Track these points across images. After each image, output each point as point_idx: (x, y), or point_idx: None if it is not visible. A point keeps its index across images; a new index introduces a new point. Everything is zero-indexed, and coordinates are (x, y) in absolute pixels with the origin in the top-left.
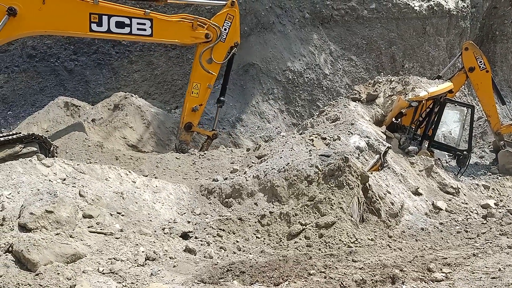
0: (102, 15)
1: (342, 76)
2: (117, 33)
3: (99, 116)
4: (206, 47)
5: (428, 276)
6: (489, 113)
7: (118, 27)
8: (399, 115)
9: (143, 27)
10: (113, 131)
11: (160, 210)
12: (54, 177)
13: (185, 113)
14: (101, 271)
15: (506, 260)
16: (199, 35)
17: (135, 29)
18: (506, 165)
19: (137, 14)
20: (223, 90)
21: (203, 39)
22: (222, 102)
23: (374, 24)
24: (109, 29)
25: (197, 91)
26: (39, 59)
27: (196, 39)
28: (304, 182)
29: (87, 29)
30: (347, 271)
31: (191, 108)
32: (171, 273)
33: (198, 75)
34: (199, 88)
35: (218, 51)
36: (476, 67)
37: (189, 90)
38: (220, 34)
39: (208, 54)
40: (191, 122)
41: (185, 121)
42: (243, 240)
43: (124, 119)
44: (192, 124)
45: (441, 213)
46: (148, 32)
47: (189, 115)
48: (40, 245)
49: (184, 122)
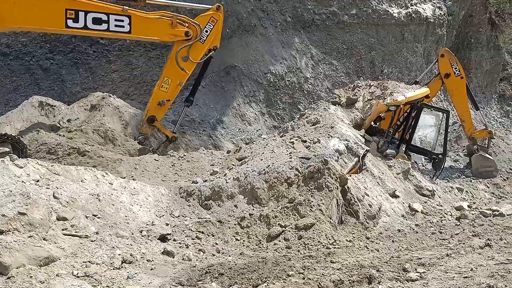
0: (79, 11)
1: (323, 80)
2: (94, 30)
3: (75, 116)
4: (184, 44)
5: (403, 276)
6: (464, 118)
7: (95, 23)
8: (377, 119)
9: (121, 24)
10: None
11: (138, 212)
12: (27, 178)
13: (150, 105)
14: (75, 275)
15: (478, 260)
16: (178, 32)
17: (112, 25)
18: (479, 169)
19: (115, 10)
20: (194, 90)
21: (183, 37)
22: (191, 102)
23: (355, 30)
24: (85, 25)
25: (167, 86)
26: (13, 57)
27: (176, 36)
28: (284, 184)
29: (63, 25)
30: (325, 272)
31: (158, 101)
32: (148, 276)
33: (171, 70)
34: (170, 83)
35: (195, 50)
36: (452, 74)
37: (159, 84)
38: (200, 33)
39: (185, 52)
40: (155, 116)
41: (149, 114)
42: (222, 242)
43: (102, 119)
44: (155, 118)
45: (417, 215)
46: (126, 29)
47: (154, 108)
48: (12, 248)
49: (148, 114)
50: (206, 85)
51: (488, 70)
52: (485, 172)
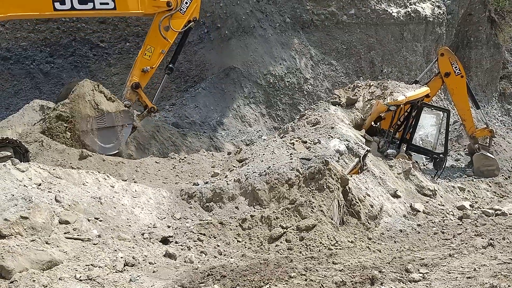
0: None
1: (323, 80)
2: (81, 10)
3: None
4: (166, 14)
5: (406, 276)
6: (464, 117)
7: (81, 3)
8: (378, 119)
9: (105, 1)
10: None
11: (140, 215)
12: (29, 182)
13: (134, 72)
14: (78, 278)
15: (481, 260)
16: (160, 4)
17: (98, 3)
18: (480, 168)
19: None
20: (174, 59)
21: (165, 7)
22: (171, 70)
23: (354, 30)
24: (72, 6)
25: (150, 54)
26: (13, 61)
27: (159, 8)
28: (285, 186)
29: (51, 9)
30: (327, 273)
31: (142, 68)
32: (150, 279)
33: (154, 39)
34: (153, 51)
35: (176, 20)
36: (452, 73)
37: (142, 52)
38: (180, 4)
39: (167, 22)
40: (139, 83)
41: (133, 80)
42: (224, 244)
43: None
44: (139, 84)
45: (419, 215)
46: (111, 6)
47: (138, 75)
48: (15, 252)
49: (132, 81)
50: (206, 87)
51: (488, 68)
52: (486, 171)
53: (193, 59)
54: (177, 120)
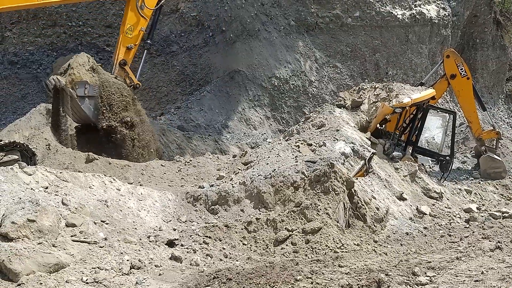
0: None
1: (327, 83)
2: None
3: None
4: None
5: (412, 280)
6: (471, 119)
7: None
8: (383, 121)
9: None
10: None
11: (145, 217)
12: (36, 185)
13: (119, 51)
14: (84, 281)
15: (488, 263)
16: None
17: None
18: (487, 170)
19: None
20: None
21: None
22: (149, 45)
23: (358, 32)
24: None
25: (131, 32)
26: (20, 65)
27: None
28: (290, 188)
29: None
30: (333, 277)
31: (126, 46)
32: (156, 282)
33: (133, 18)
34: (133, 30)
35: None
36: (458, 74)
37: (123, 31)
38: None
39: (141, 1)
40: (125, 60)
41: (119, 58)
42: (229, 247)
43: None
44: (126, 61)
45: (425, 218)
46: None
47: (123, 53)
48: (22, 255)
49: (119, 59)
50: (211, 90)
51: (494, 70)
52: (493, 174)
53: (198, 62)
54: (183, 123)
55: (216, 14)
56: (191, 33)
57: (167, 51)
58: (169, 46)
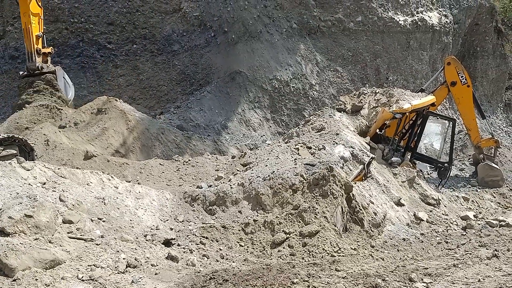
0: None
1: (328, 87)
2: None
3: (81, 119)
4: None
5: (409, 285)
6: (470, 126)
7: None
8: (383, 126)
9: None
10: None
11: (143, 216)
12: (34, 181)
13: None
14: (80, 278)
15: (485, 271)
16: None
17: None
18: (485, 178)
19: None
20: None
21: None
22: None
23: (360, 37)
24: None
25: (35, 22)
26: (21, 60)
27: None
28: (288, 191)
29: None
30: (330, 280)
31: (36, 35)
32: (152, 281)
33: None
34: (36, 20)
35: None
36: (458, 82)
37: (29, 21)
38: None
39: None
40: (40, 48)
41: (34, 48)
42: (226, 248)
43: (108, 123)
44: (40, 49)
45: (422, 224)
46: None
47: (36, 42)
48: (18, 250)
49: (34, 48)
50: (211, 90)
51: (494, 78)
52: (491, 182)
53: (199, 62)
54: (182, 122)
55: (218, 14)
56: (193, 33)
57: (168, 50)
58: (171, 45)
